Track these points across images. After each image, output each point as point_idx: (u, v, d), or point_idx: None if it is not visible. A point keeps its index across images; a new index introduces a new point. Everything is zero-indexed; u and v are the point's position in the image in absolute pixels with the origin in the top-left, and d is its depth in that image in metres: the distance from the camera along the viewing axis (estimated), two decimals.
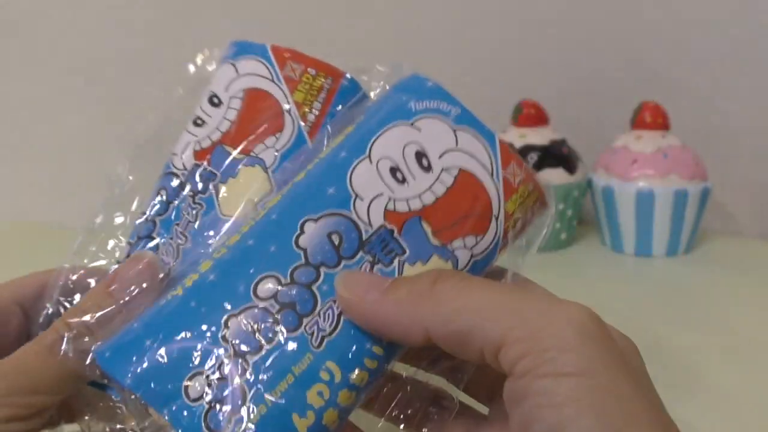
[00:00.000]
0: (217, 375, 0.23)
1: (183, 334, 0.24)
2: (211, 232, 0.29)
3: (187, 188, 0.30)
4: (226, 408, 0.23)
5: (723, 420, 0.43)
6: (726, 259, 0.71)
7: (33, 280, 0.31)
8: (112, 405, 0.27)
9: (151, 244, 0.30)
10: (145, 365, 0.23)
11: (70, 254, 0.31)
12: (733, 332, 0.54)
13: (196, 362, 0.23)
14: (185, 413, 0.23)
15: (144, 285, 0.26)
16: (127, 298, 0.26)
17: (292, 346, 0.24)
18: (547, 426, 0.21)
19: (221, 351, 0.23)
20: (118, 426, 0.27)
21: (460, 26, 0.81)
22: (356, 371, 0.24)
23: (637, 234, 0.70)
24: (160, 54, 0.79)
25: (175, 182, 0.31)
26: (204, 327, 0.24)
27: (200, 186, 0.30)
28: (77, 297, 0.29)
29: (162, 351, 0.24)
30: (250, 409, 0.23)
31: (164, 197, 0.30)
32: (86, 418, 0.28)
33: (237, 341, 0.24)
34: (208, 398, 0.23)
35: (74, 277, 0.30)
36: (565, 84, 0.82)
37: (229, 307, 0.24)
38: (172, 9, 0.78)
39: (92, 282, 0.30)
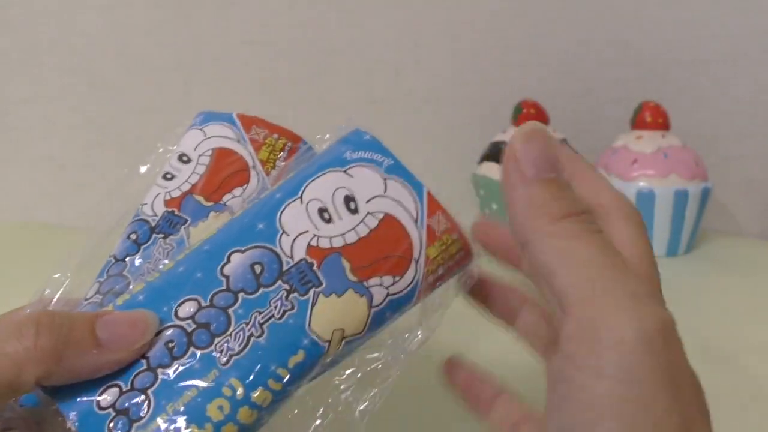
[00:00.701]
0: (129, 386, 0.25)
1: None
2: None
3: (159, 231, 0.32)
4: (131, 416, 0.25)
5: (722, 422, 0.43)
6: (726, 259, 0.71)
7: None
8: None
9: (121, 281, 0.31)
10: None
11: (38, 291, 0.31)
12: (733, 332, 0.54)
13: (115, 374, 0.25)
14: (91, 419, 0.24)
15: (135, 346, 0.25)
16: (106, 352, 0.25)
17: (200, 362, 0.26)
18: (569, 422, 0.21)
19: (137, 365, 0.25)
20: None
21: (460, 26, 0.81)
22: (259, 390, 0.26)
23: None
24: (160, 54, 0.79)
25: (145, 226, 0.32)
26: None
27: (171, 229, 0.32)
28: None
29: None
30: (152, 418, 0.24)
31: (135, 239, 0.32)
32: None
33: (152, 356, 0.26)
34: (116, 407, 0.25)
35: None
36: (565, 84, 0.82)
37: None
38: (172, 9, 0.78)
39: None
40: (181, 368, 0.25)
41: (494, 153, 0.71)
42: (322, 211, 0.28)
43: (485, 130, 0.76)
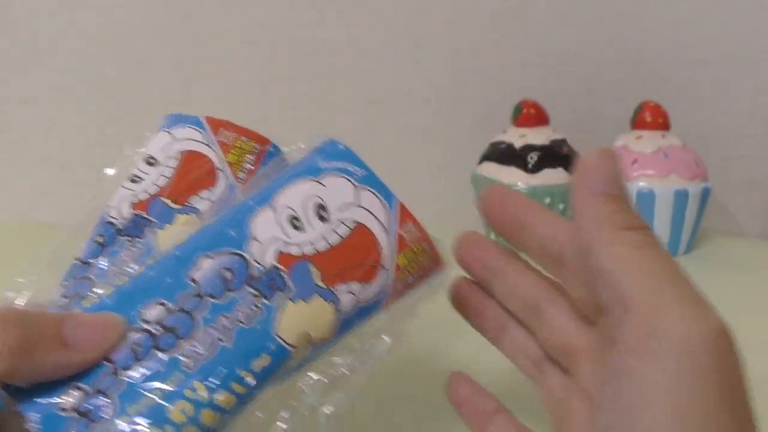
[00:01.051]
0: (92, 389, 0.25)
1: None
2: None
3: (125, 234, 0.32)
4: (93, 418, 0.25)
5: None
6: (726, 259, 0.71)
7: None
8: None
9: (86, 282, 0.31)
10: None
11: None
12: (733, 332, 0.54)
13: (78, 376, 0.25)
14: (52, 421, 0.25)
15: (101, 347, 0.26)
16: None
17: (165, 365, 0.26)
18: (625, 408, 0.23)
19: (102, 368, 0.25)
20: None
21: (460, 26, 0.81)
22: (223, 394, 0.26)
23: None
24: (160, 54, 0.79)
25: (112, 229, 0.32)
26: None
27: (138, 232, 0.32)
28: None
29: None
30: (114, 420, 0.25)
31: (101, 241, 0.32)
32: None
33: (117, 359, 0.26)
34: (78, 409, 0.25)
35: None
36: (565, 84, 0.82)
37: None
38: (172, 9, 0.78)
39: None
40: (145, 371, 0.26)
41: (494, 153, 0.71)
42: (293, 218, 0.29)
43: (485, 130, 0.76)
